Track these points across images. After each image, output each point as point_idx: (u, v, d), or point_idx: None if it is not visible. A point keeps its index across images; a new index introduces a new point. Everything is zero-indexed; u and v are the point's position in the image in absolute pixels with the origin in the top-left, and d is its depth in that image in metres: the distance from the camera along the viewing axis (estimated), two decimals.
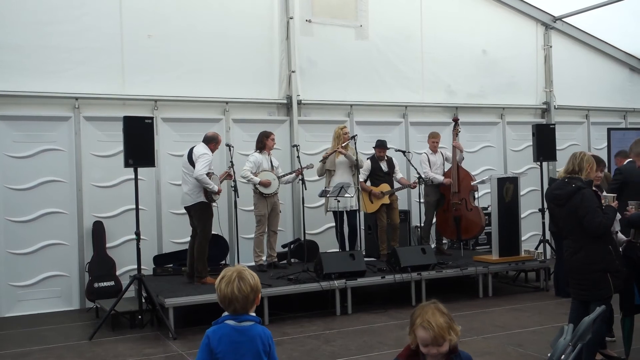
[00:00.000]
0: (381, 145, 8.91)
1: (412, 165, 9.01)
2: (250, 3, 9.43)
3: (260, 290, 2.87)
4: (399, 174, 9.09)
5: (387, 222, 8.85)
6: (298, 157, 8.36)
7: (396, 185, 8.99)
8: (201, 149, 7.53)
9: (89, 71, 8.40)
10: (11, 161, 8.06)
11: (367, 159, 8.97)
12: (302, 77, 9.75)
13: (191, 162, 7.51)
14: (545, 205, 8.12)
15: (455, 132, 9.28)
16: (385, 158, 8.97)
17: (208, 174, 7.42)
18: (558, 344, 2.76)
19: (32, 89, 8.12)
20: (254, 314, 2.85)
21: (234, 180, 7.73)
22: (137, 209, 7.08)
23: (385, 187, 8.81)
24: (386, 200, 8.78)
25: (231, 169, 7.91)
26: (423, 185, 8.95)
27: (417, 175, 8.77)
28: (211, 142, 7.69)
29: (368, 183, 8.88)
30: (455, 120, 9.36)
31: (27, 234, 8.10)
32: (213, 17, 9.14)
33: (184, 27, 8.96)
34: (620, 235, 5.29)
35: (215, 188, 7.42)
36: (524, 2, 11.40)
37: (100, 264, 8.22)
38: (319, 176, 8.90)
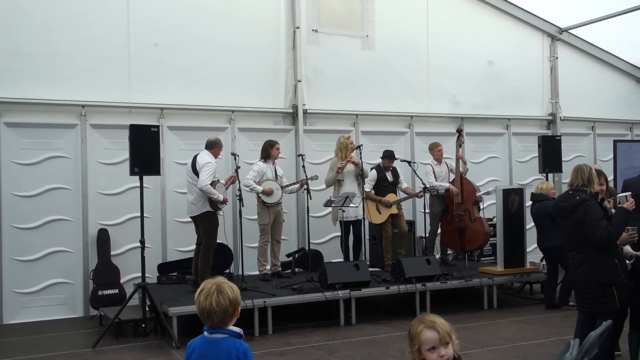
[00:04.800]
0: (389, 156, 8.89)
1: (417, 176, 9.00)
2: (257, 12, 9.47)
3: (240, 303, 2.84)
4: (404, 184, 9.08)
5: (394, 231, 8.82)
6: (303, 166, 8.36)
7: (402, 195, 8.97)
8: (205, 158, 7.53)
9: (96, 79, 8.44)
10: (17, 168, 8.09)
11: (372, 168, 8.96)
12: (308, 86, 9.77)
13: (195, 171, 7.51)
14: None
15: (459, 143, 9.26)
16: (391, 168, 8.96)
17: (213, 183, 7.42)
18: (564, 359, 2.74)
19: (39, 96, 8.16)
20: (234, 327, 2.82)
21: (239, 190, 7.73)
22: (142, 217, 7.09)
23: (392, 197, 8.80)
24: (394, 210, 8.77)
25: (236, 172, 7.90)
26: (428, 195, 8.95)
27: (423, 186, 8.77)
28: (214, 147, 7.70)
29: (373, 193, 8.86)
30: (459, 131, 9.34)
31: (32, 241, 8.10)
32: (219, 26, 9.18)
33: (191, 36, 8.99)
34: (627, 248, 5.23)
35: (221, 197, 7.42)
36: (530, 13, 11.42)
37: (104, 272, 8.21)
38: (328, 186, 8.86)
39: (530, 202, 8.28)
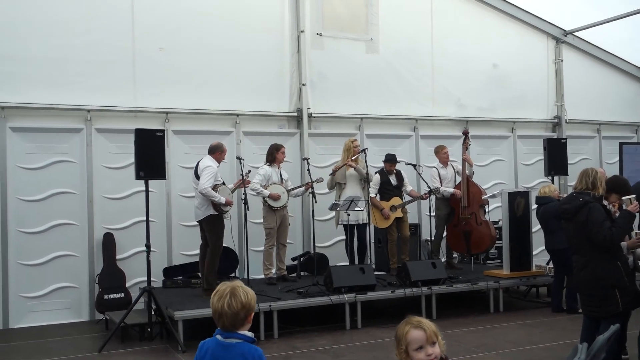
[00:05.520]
0: (391, 160, 8.87)
1: (423, 179, 8.99)
2: (261, 16, 9.48)
3: (254, 309, 2.81)
4: (409, 187, 9.04)
5: (398, 235, 8.81)
6: (308, 170, 8.36)
7: (407, 198, 8.96)
8: (205, 162, 7.55)
9: (101, 84, 8.46)
10: (23, 172, 8.11)
11: (376, 172, 8.94)
12: (313, 90, 9.77)
13: (197, 176, 7.53)
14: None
15: (465, 146, 9.22)
16: (394, 171, 8.94)
17: (215, 186, 7.42)
18: None
19: (44, 101, 8.18)
20: (246, 332, 2.81)
21: (244, 193, 7.73)
22: (147, 221, 7.09)
23: (396, 200, 8.78)
24: (399, 214, 8.74)
25: (242, 176, 7.91)
26: (434, 197, 8.93)
27: (428, 188, 8.75)
28: (215, 151, 7.71)
29: (378, 197, 8.85)
30: (465, 134, 9.31)
31: (37, 245, 8.11)
32: (224, 30, 9.19)
33: (196, 40, 9.01)
34: None
35: (222, 200, 7.39)
36: (535, 16, 11.41)
37: (110, 276, 8.22)
38: (329, 189, 8.89)
39: (536, 206, 8.26)
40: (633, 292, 4.90)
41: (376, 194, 8.81)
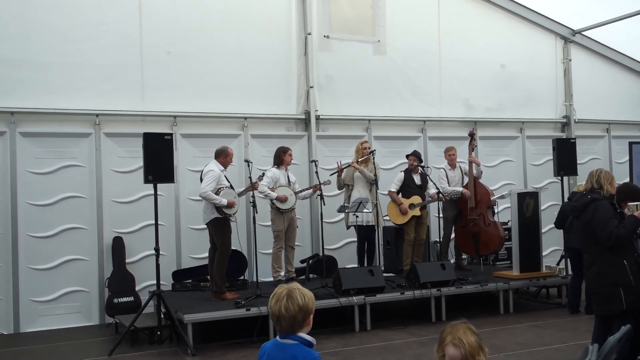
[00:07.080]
0: (413, 154, 8.88)
1: (431, 180, 8.96)
2: (269, 19, 9.50)
3: (312, 311, 2.77)
4: (432, 190, 8.87)
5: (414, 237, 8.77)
6: (316, 172, 8.35)
7: (428, 199, 8.92)
8: (209, 166, 7.56)
9: (110, 88, 8.51)
10: (32, 177, 8.15)
11: (401, 171, 8.94)
12: (320, 92, 9.78)
13: (202, 180, 7.56)
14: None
15: (472, 147, 9.18)
16: (420, 171, 8.90)
17: (219, 190, 7.41)
18: None
19: (53, 105, 8.23)
20: (305, 335, 2.76)
21: (253, 196, 7.73)
22: (156, 224, 7.11)
23: (416, 199, 8.75)
24: (417, 212, 8.71)
25: (260, 178, 7.93)
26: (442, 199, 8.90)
27: (437, 190, 8.72)
28: (220, 155, 7.71)
29: (400, 195, 8.84)
30: (471, 135, 9.27)
31: (47, 250, 8.16)
32: (231, 34, 9.22)
33: (203, 44, 9.04)
34: None
35: (224, 201, 7.36)
36: (543, 16, 11.36)
37: (119, 280, 8.25)
38: (339, 190, 8.88)
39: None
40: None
41: (398, 192, 8.79)
